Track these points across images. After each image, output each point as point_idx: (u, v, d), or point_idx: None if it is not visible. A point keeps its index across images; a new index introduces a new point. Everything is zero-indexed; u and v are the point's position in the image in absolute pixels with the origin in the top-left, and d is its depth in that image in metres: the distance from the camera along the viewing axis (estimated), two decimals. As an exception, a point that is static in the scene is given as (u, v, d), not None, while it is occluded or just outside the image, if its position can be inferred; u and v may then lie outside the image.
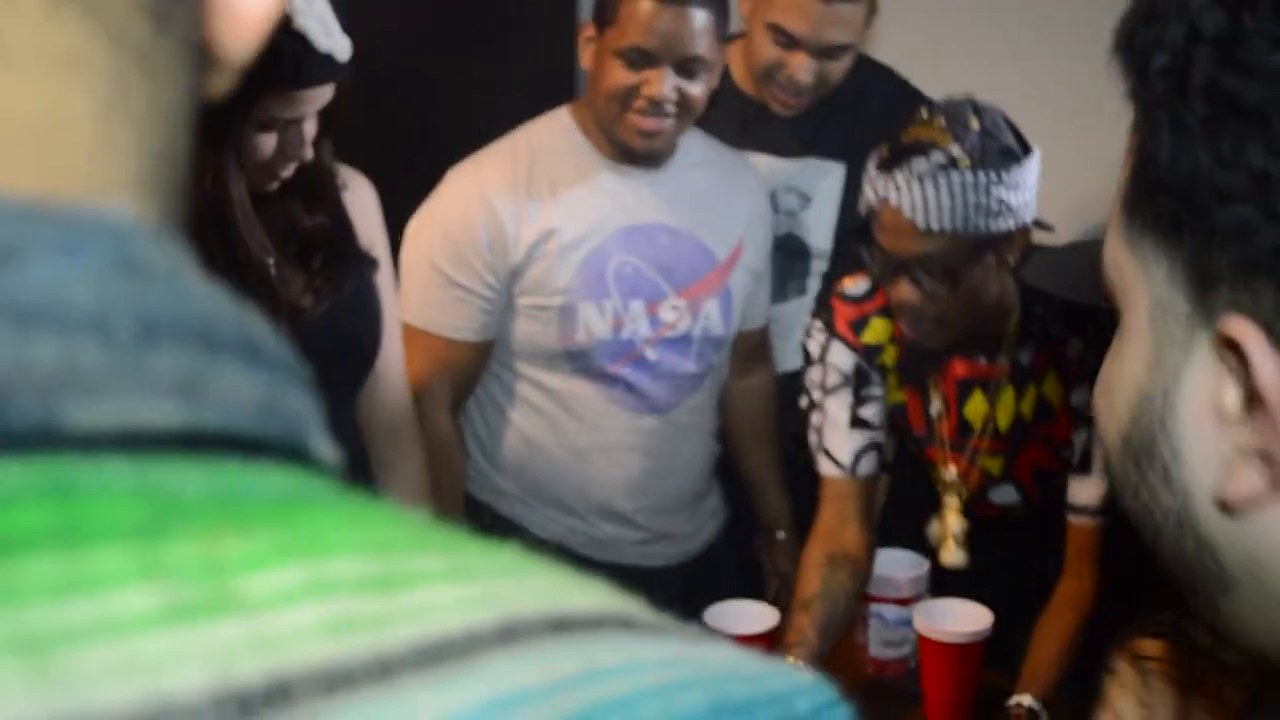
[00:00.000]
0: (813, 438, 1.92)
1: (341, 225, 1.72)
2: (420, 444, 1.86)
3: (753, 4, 2.15)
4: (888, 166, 1.65)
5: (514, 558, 0.30)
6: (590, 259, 1.93)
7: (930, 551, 1.92)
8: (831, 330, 1.89)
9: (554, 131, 1.98)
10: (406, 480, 1.83)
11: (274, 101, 1.53)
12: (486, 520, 2.03)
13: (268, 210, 1.65)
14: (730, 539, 2.23)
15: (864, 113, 2.24)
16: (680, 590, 2.07)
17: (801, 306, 2.25)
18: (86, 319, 0.26)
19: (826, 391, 1.89)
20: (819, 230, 2.27)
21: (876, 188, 1.66)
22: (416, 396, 1.89)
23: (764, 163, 2.25)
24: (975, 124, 1.64)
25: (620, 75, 1.85)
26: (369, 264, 1.75)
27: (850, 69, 2.19)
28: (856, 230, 1.78)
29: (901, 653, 1.86)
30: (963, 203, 1.60)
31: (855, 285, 1.88)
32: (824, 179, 2.26)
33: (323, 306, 1.66)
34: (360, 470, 1.80)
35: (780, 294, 2.28)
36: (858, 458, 1.88)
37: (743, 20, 2.21)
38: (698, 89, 1.88)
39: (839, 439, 1.88)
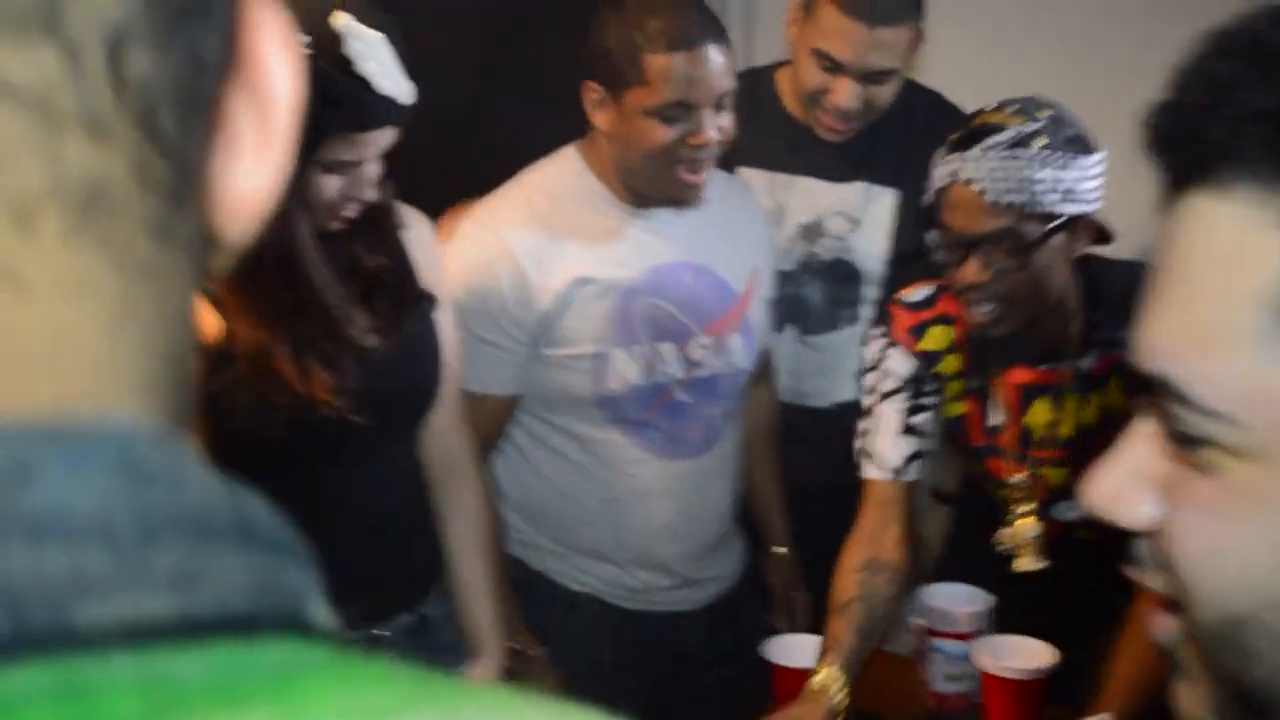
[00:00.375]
0: (858, 442, 1.92)
1: (403, 265, 1.72)
2: (480, 481, 1.86)
3: (799, 30, 2.15)
4: (960, 146, 1.69)
5: (505, 697, 0.32)
6: (619, 304, 1.92)
7: (996, 575, 1.89)
8: (889, 336, 1.90)
9: (567, 175, 1.95)
10: (467, 517, 1.83)
11: (337, 145, 1.54)
12: (519, 576, 2.02)
13: (331, 250, 1.65)
14: (749, 575, 2.22)
15: (912, 137, 2.24)
16: (706, 632, 2.07)
17: (854, 335, 2.25)
18: (93, 527, 0.29)
19: (880, 396, 1.90)
20: (869, 255, 2.26)
21: (947, 167, 1.69)
22: None
23: (812, 186, 2.26)
24: (1046, 112, 1.69)
25: (661, 133, 1.83)
26: (429, 303, 1.75)
27: (899, 94, 2.19)
28: (924, 218, 1.79)
29: (963, 687, 1.86)
30: (1033, 179, 1.64)
31: (915, 293, 1.90)
32: (873, 203, 2.26)
33: (386, 346, 1.67)
34: (422, 508, 1.80)
35: (830, 323, 2.28)
36: (905, 463, 1.89)
37: (789, 46, 2.21)
38: (728, 119, 1.87)
39: (888, 443, 1.89)
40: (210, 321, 1.56)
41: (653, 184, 1.90)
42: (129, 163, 0.32)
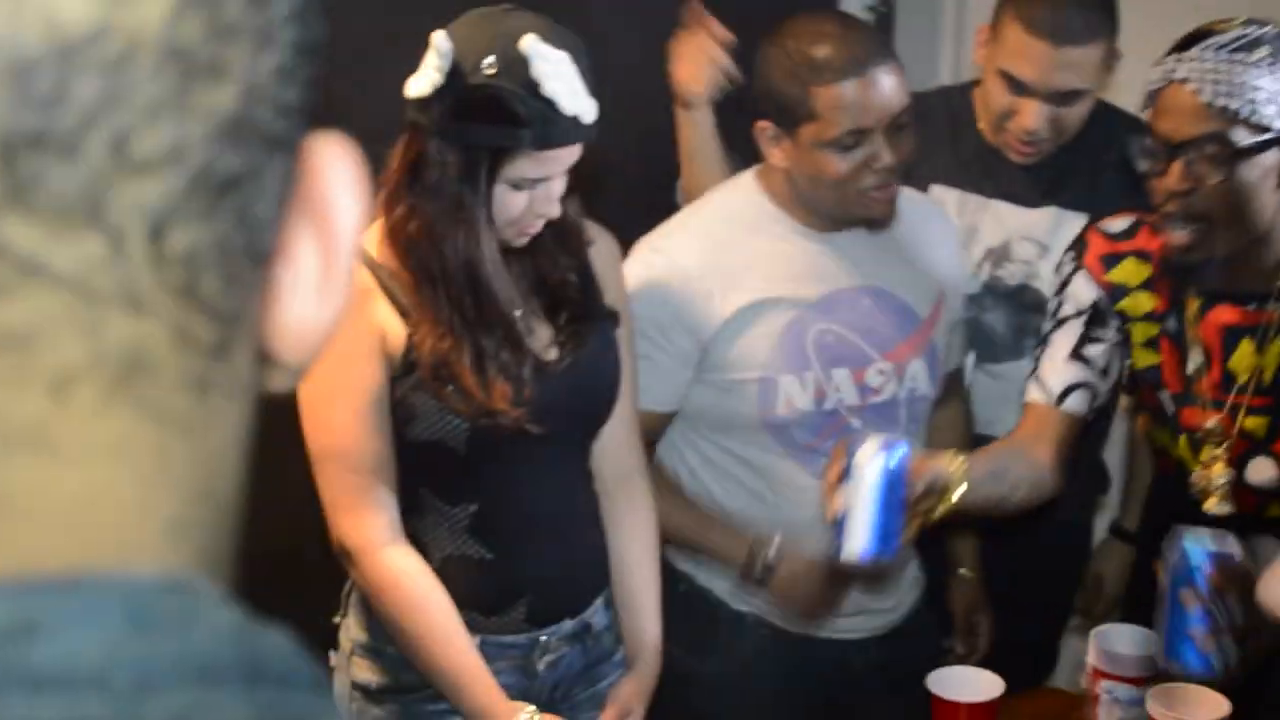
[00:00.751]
0: (1027, 369, 1.88)
1: (587, 281, 1.76)
2: (650, 495, 1.89)
3: (987, 50, 2.12)
4: (1180, 48, 1.64)
5: None
6: (789, 330, 1.90)
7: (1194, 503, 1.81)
8: (1079, 262, 1.85)
9: (742, 201, 1.94)
10: (636, 529, 1.85)
11: (523, 163, 1.58)
12: (683, 591, 2.03)
13: (517, 265, 1.70)
14: (929, 604, 2.16)
15: (1109, 162, 2.18)
16: (877, 661, 2.03)
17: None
18: (91, 678, 0.30)
19: (1057, 322, 1.85)
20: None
21: (1164, 68, 1.64)
22: None
23: (1001, 210, 2.21)
24: (1276, 28, 1.63)
25: (839, 164, 1.81)
26: (611, 320, 1.78)
27: (1095, 116, 2.13)
28: (1135, 131, 1.74)
29: (1134, 734, 1.80)
30: (1252, 84, 1.59)
31: (1115, 222, 1.84)
32: (1064, 229, 2.19)
33: (566, 360, 1.71)
34: (592, 518, 1.83)
35: (1015, 351, 2.22)
36: (1068, 391, 1.82)
37: (978, 67, 2.18)
38: (907, 138, 1.84)
39: (1054, 368, 1.83)
40: (397, 330, 1.63)
41: (842, 210, 1.89)
42: (168, 329, 0.34)
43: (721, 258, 1.90)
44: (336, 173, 0.39)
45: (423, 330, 1.62)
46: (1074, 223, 2.19)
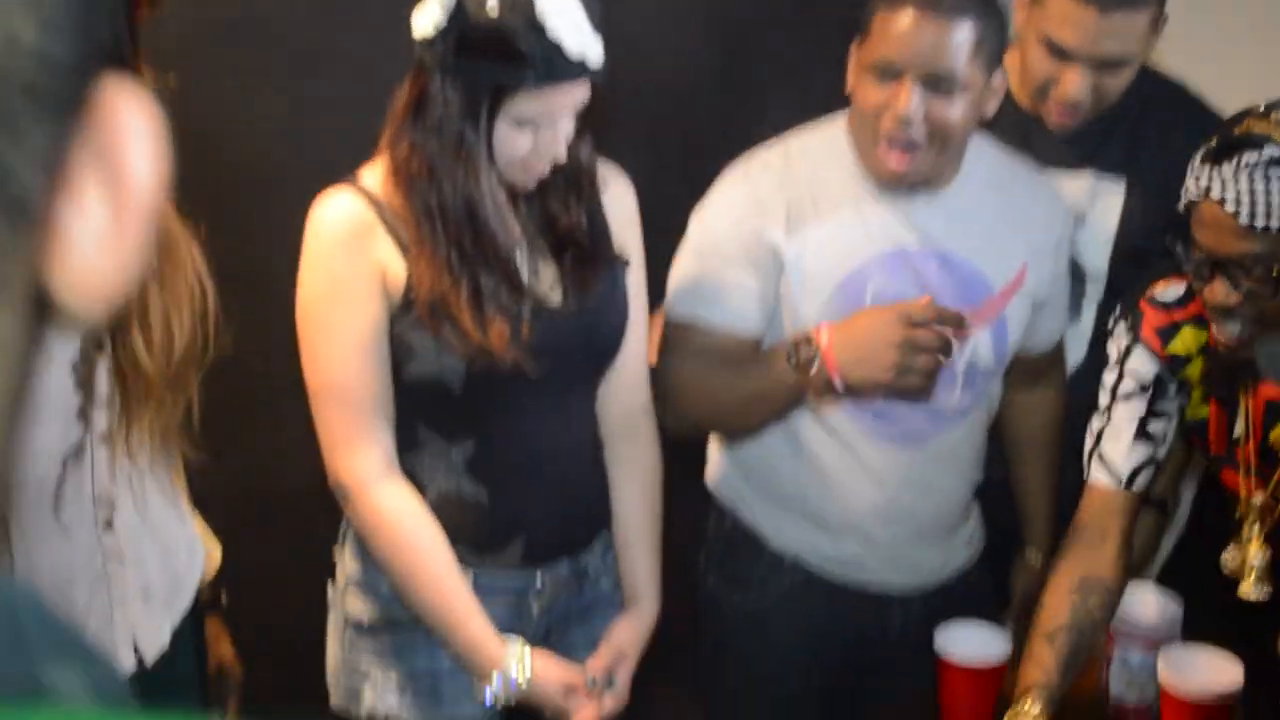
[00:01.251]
0: (1089, 442, 1.82)
1: (597, 224, 1.75)
2: (655, 442, 1.87)
3: (1027, 14, 2.06)
4: (1215, 158, 1.56)
5: None
6: (846, 283, 1.85)
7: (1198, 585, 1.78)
8: (1136, 334, 1.79)
9: (824, 145, 1.89)
10: (637, 474, 1.84)
11: (525, 99, 1.57)
12: (728, 525, 2.02)
13: (525, 206, 1.70)
14: (988, 565, 2.12)
15: (1149, 129, 2.12)
16: (919, 616, 1.98)
17: (1075, 334, 2.16)
18: None
19: (1117, 398, 1.80)
20: (1094, 251, 2.15)
21: (1200, 180, 1.57)
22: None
23: (1038, 179, 2.16)
24: None
25: (872, 93, 1.76)
26: (620, 265, 1.77)
27: (1135, 82, 2.07)
28: (1173, 226, 1.67)
29: (1145, 698, 1.75)
30: None
31: (1168, 290, 1.78)
32: (1102, 197, 2.14)
33: (570, 303, 1.70)
34: (593, 461, 1.83)
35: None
36: (1135, 472, 1.78)
37: (1016, 32, 2.13)
38: (954, 111, 1.74)
39: (1120, 449, 1.79)
40: (398, 267, 1.63)
41: (865, 153, 1.82)
42: None
43: (789, 196, 1.85)
44: (128, 122, 0.38)
45: (421, 267, 1.62)
46: (1112, 190, 2.14)
